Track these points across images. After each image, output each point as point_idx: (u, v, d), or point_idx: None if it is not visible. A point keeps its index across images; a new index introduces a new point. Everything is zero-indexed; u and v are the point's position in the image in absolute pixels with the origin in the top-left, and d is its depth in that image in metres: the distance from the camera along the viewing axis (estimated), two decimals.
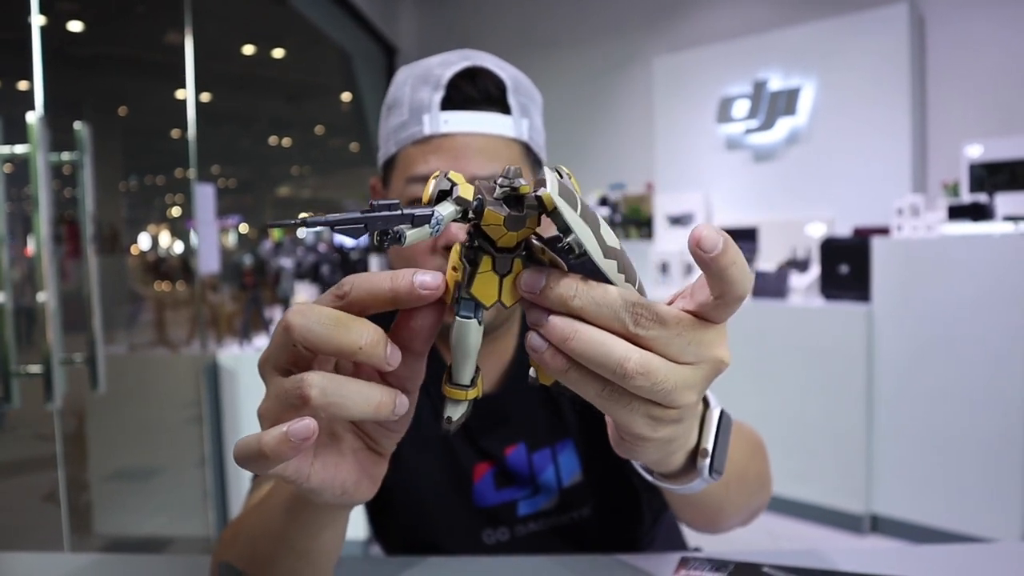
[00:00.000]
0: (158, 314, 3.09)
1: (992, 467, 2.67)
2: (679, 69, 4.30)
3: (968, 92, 3.47)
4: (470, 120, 0.76)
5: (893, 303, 2.91)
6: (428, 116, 0.76)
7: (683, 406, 0.38)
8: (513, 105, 0.79)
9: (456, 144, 0.76)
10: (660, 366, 0.36)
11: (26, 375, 1.45)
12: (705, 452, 0.46)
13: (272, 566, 0.57)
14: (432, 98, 0.77)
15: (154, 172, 4.70)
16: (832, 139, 3.74)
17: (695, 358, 0.37)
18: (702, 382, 0.38)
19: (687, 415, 0.40)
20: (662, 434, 0.40)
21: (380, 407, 0.38)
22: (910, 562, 0.62)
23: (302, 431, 0.36)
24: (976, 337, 2.69)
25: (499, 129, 0.78)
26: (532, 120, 0.82)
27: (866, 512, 3.00)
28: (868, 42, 3.58)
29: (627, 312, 0.35)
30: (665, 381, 0.36)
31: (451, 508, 0.85)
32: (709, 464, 0.46)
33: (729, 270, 0.35)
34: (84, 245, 1.53)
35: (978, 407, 2.69)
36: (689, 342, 0.37)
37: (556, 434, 0.86)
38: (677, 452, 0.45)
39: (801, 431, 3.13)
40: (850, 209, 3.64)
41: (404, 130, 0.78)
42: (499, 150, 0.77)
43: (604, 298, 0.35)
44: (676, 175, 4.34)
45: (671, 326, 0.36)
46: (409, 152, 0.78)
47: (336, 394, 0.37)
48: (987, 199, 2.88)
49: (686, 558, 0.60)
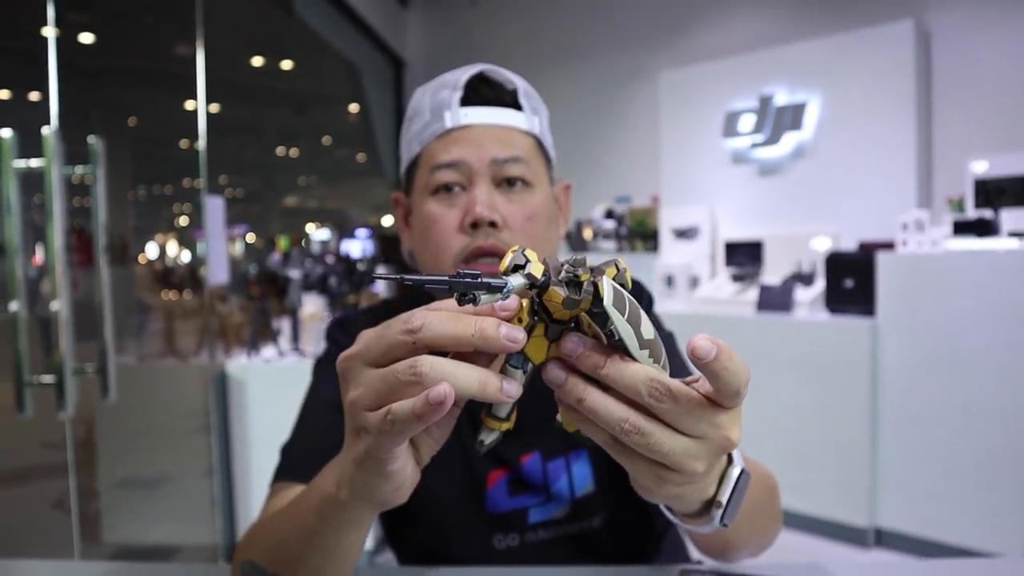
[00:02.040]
0: (167, 324, 3.11)
1: (996, 481, 2.67)
2: (685, 83, 4.33)
3: (973, 108, 3.49)
4: (488, 114, 0.83)
5: (898, 318, 2.92)
6: (449, 112, 0.82)
7: (687, 472, 0.44)
8: (525, 104, 0.86)
9: (476, 134, 0.82)
10: (656, 430, 0.43)
11: (39, 385, 1.47)
12: (719, 504, 0.51)
13: (299, 565, 0.60)
14: (452, 97, 0.83)
15: (162, 182, 4.74)
16: (837, 154, 3.76)
17: (701, 434, 0.44)
18: (708, 455, 0.44)
19: (695, 480, 0.46)
20: (667, 491, 0.46)
21: (486, 385, 0.43)
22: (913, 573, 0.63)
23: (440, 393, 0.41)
24: (980, 352, 2.70)
25: (514, 122, 0.84)
26: (542, 120, 0.89)
27: (870, 526, 3.00)
28: (874, 58, 3.60)
29: (644, 386, 0.42)
30: (661, 444, 0.43)
31: (464, 512, 0.87)
32: (721, 514, 0.51)
33: (722, 374, 0.41)
34: (97, 256, 1.54)
35: (982, 421, 2.70)
36: (697, 419, 0.43)
37: (571, 444, 0.88)
38: (690, 503, 0.51)
39: (806, 444, 3.13)
40: (855, 224, 3.66)
41: (427, 128, 0.84)
42: (515, 140, 0.83)
43: (626, 372, 0.42)
44: (682, 188, 4.36)
45: (681, 403, 0.42)
46: (433, 146, 0.83)
47: (445, 370, 0.42)
48: (992, 215, 2.89)
49: (686, 570, 0.61)
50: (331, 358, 0.93)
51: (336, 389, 0.87)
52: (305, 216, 7.09)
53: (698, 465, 0.44)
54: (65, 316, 1.46)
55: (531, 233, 0.82)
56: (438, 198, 0.82)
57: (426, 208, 0.83)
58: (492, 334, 0.42)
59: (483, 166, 0.80)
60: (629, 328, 0.42)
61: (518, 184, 0.82)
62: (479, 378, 0.43)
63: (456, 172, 0.81)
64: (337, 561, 0.60)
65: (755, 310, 3.38)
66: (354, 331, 0.96)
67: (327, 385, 0.89)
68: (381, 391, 0.44)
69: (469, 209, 0.79)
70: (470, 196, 0.80)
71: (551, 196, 0.88)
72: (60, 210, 1.46)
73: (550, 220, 0.86)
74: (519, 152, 0.82)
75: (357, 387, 0.46)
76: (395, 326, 0.44)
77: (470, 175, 0.81)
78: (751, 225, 4.08)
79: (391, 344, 0.44)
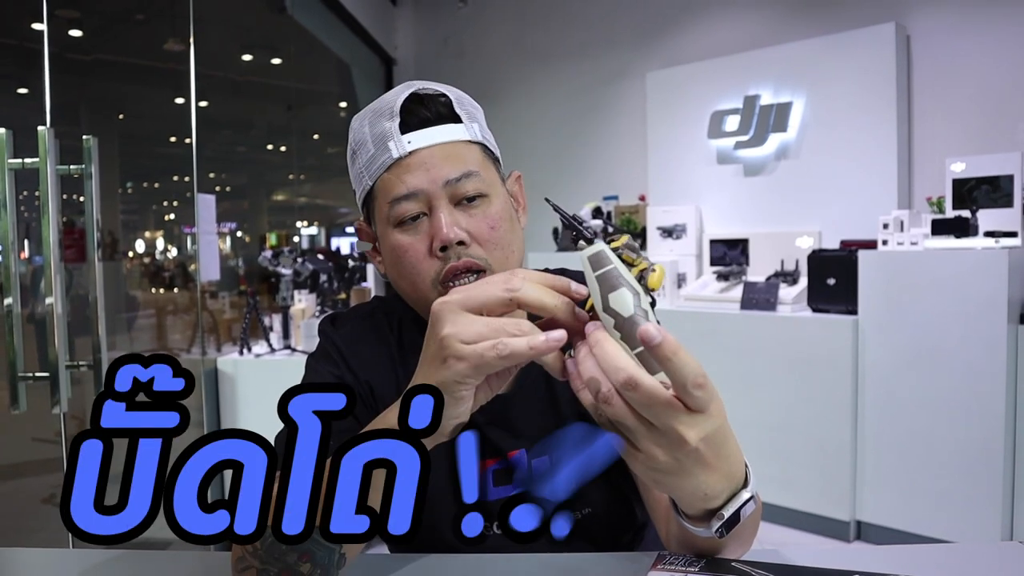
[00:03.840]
0: (158, 319, 3.12)
1: (974, 475, 2.74)
2: (672, 84, 4.37)
3: (953, 109, 3.55)
4: (430, 135, 0.85)
5: (879, 315, 2.97)
6: (392, 142, 0.84)
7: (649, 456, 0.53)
8: (461, 114, 0.88)
9: (424, 158, 0.83)
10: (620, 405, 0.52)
11: (33, 379, 1.49)
12: (720, 517, 0.59)
13: None
14: (391, 126, 0.84)
15: (151, 178, 4.72)
16: (821, 154, 3.81)
17: (659, 424, 0.51)
18: (666, 447, 0.52)
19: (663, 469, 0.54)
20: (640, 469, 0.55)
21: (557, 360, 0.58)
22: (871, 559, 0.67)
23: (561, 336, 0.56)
24: (958, 348, 2.76)
25: (457, 135, 0.86)
26: (481, 124, 0.91)
27: (851, 519, 3.06)
28: (856, 60, 3.65)
29: (614, 372, 0.51)
30: (624, 419, 0.52)
31: (450, 501, 0.90)
32: (720, 525, 0.59)
33: (671, 361, 0.49)
34: (91, 253, 1.55)
35: (960, 416, 2.76)
36: (656, 413, 0.51)
37: (556, 446, 0.92)
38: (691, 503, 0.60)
39: (788, 439, 3.19)
40: (838, 223, 3.71)
41: (375, 162, 0.86)
42: (462, 154, 0.85)
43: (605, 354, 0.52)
44: (668, 187, 4.41)
45: (643, 394, 0.50)
46: (385, 179, 0.85)
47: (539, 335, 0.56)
48: (970, 215, 2.95)
49: (662, 555, 0.65)
50: (324, 354, 0.96)
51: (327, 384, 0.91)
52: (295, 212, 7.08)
53: (658, 452, 0.52)
54: (59, 312, 1.48)
55: (498, 240, 0.85)
56: (403, 229, 0.84)
57: (393, 241, 0.85)
58: (568, 310, 0.58)
59: (438, 189, 0.82)
60: (596, 286, 0.54)
61: (476, 199, 0.84)
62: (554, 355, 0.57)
63: (415, 202, 0.83)
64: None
65: (740, 308, 3.43)
66: (345, 329, 0.99)
67: (318, 379, 0.92)
68: (482, 332, 0.56)
69: (435, 235, 0.81)
70: (433, 222, 0.82)
71: (506, 196, 0.91)
72: (54, 208, 1.47)
73: (512, 219, 0.89)
74: (470, 167, 0.84)
75: (452, 325, 0.58)
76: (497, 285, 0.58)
77: (428, 201, 0.83)
78: (736, 224, 4.13)
79: (491, 296, 0.58)
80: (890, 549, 0.74)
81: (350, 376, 0.92)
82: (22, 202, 1.91)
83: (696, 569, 0.62)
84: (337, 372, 0.92)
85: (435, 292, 0.82)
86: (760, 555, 0.68)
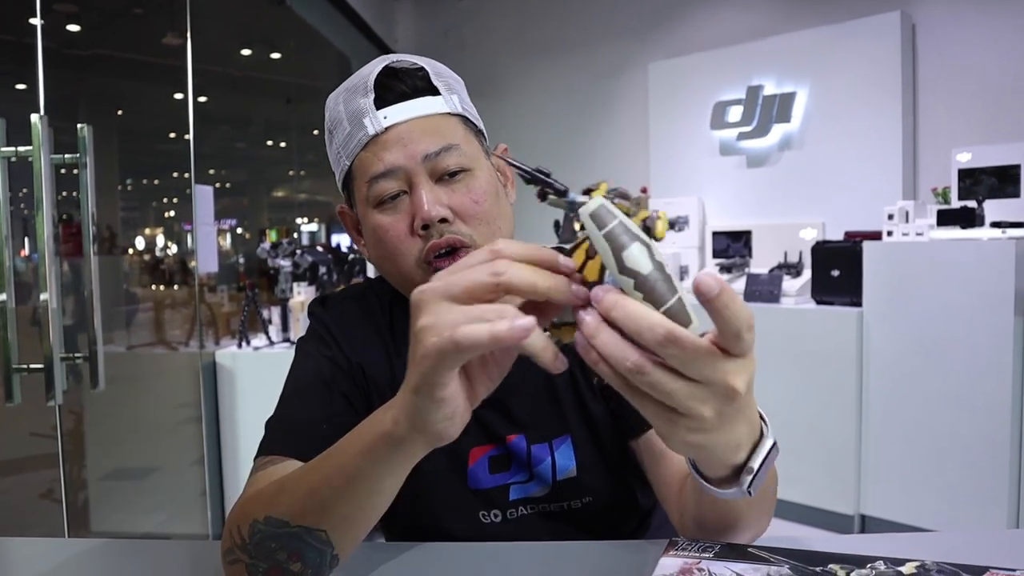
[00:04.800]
0: (156, 314, 3.10)
1: (979, 469, 2.71)
2: (674, 75, 4.34)
3: (958, 99, 3.52)
4: (406, 109, 0.81)
5: (884, 307, 2.94)
6: (368, 118, 0.80)
7: (695, 416, 0.46)
8: (439, 86, 0.84)
9: (401, 133, 0.80)
10: (657, 371, 0.45)
11: (27, 370, 1.47)
12: (750, 470, 0.54)
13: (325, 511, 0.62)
14: (366, 102, 0.81)
15: (150, 174, 4.71)
16: (825, 145, 3.78)
17: (704, 378, 0.45)
18: (713, 401, 0.46)
19: (706, 428, 0.47)
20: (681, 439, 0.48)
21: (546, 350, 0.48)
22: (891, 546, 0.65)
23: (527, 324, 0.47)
24: (965, 340, 2.73)
25: (434, 108, 0.82)
26: (461, 96, 0.87)
27: (855, 513, 3.03)
28: (861, 49, 3.62)
29: (648, 332, 0.44)
30: (663, 384, 0.45)
31: (446, 488, 0.88)
32: (751, 480, 0.54)
33: (723, 312, 0.43)
34: (87, 246, 1.53)
35: (966, 409, 2.73)
36: (702, 366, 0.44)
37: (555, 430, 0.89)
38: (717, 463, 0.54)
39: (792, 433, 3.16)
40: (842, 214, 3.68)
41: (351, 140, 0.82)
42: (441, 127, 0.81)
43: (631, 317, 0.44)
44: (671, 179, 4.38)
45: (686, 348, 0.44)
46: (362, 157, 0.81)
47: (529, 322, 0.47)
48: (976, 205, 2.92)
49: (674, 541, 0.63)
50: (314, 335, 0.94)
51: (320, 365, 0.89)
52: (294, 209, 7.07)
53: (704, 410, 0.46)
54: (54, 305, 1.46)
55: (483, 215, 0.81)
56: (383, 209, 0.81)
57: (374, 222, 0.82)
58: (564, 287, 0.49)
59: (417, 165, 0.79)
60: (606, 246, 0.45)
61: (459, 173, 0.81)
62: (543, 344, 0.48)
63: (393, 180, 0.80)
64: (373, 507, 0.63)
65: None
66: (335, 311, 0.97)
67: (310, 361, 0.90)
68: (458, 322, 0.48)
69: (416, 212, 0.78)
70: (413, 199, 0.79)
71: (492, 170, 0.87)
72: (49, 198, 1.45)
73: (497, 194, 0.85)
74: (449, 140, 0.81)
75: (429, 316, 0.50)
76: (481, 269, 0.49)
77: (408, 178, 0.79)
78: (739, 215, 4.10)
79: (474, 281, 0.49)
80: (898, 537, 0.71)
81: (342, 357, 0.90)
82: (21, 199, 1.89)
83: (710, 555, 0.59)
84: (329, 353, 0.90)
85: (419, 272, 0.80)
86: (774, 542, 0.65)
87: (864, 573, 0.54)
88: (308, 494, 0.63)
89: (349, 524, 0.63)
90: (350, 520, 0.63)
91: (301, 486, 0.65)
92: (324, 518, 0.62)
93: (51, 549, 0.86)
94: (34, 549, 0.87)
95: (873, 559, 0.56)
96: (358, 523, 0.64)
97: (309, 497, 0.63)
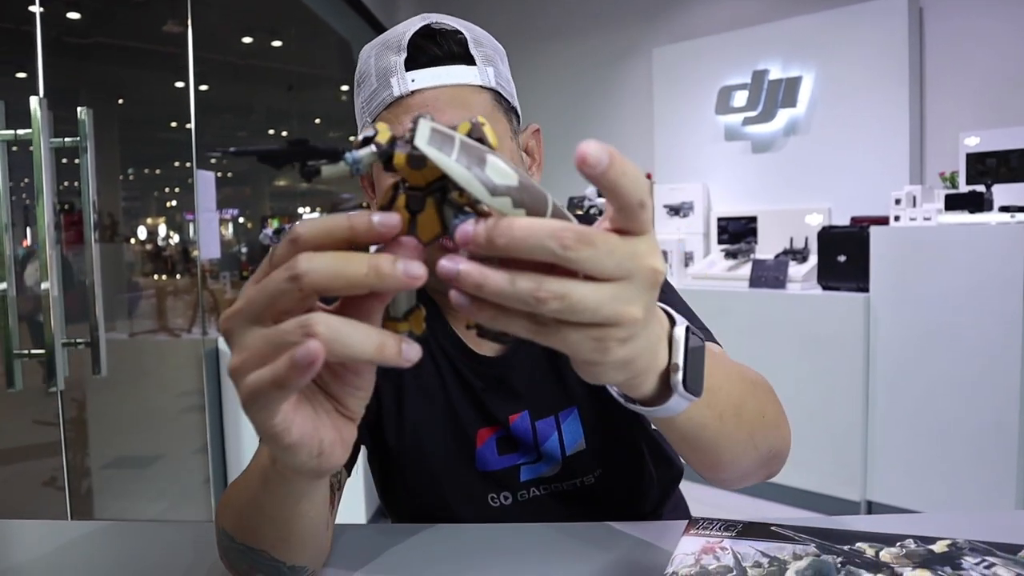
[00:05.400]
0: (159, 302, 3.09)
1: (987, 455, 2.69)
2: (678, 60, 4.30)
3: (966, 83, 3.48)
4: (436, 75, 0.78)
5: (890, 292, 2.92)
6: (395, 79, 0.78)
7: (626, 322, 0.38)
8: (476, 56, 0.80)
9: (427, 99, 0.77)
10: (576, 286, 0.36)
11: (28, 356, 1.45)
12: (676, 367, 0.46)
13: (256, 534, 0.58)
14: (397, 61, 0.78)
15: (152, 163, 4.69)
16: (831, 129, 3.75)
17: (626, 272, 0.37)
18: (641, 294, 0.38)
19: (636, 332, 0.40)
20: (614, 356, 0.40)
21: (384, 348, 0.37)
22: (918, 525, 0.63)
23: (309, 353, 0.35)
24: (972, 326, 2.71)
25: (466, 78, 0.79)
26: (498, 69, 0.84)
27: (862, 499, 3.02)
28: (867, 33, 3.58)
29: (553, 239, 0.35)
30: (586, 299, 0.36)
31: (455, 471, 0.86)
32: (683, 380, 0.46)
33: (621, 181, 0.36)
34: (88, 232, 1.51)
35: (974, 395, 2.72)
36: (619, 257, 0.37)
37: (560, 403, 0.87)
38: (644, 375, 0.45)
39: (798, 419, 3.12)
40: (848, 199, 3.65)
41: (375, 98, 0.80)
42: (469, 99, 0.79)
43: (530, 229, 0.35)
44: (675, 165, 4.35)
45: (599, 245, 0.36)
46: (384, 117, 0.79)
47: (341, 332, 0.36)
48: (984, 189, 2.89)
49: (694, 520, 0.61)
50: None
51: None
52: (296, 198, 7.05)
53: (634, 309, 0.38)
54: (55, 292, 1.44)
55: None
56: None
57: (386, 183, 0.80)
58: (388, 270, 0.36)
59: None
60: (464, 171, 0.35)
61: None
62: (376, 342, 0.37)
63: None
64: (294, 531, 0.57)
65: (748, 286, 3.38)
66: None
67: None
68: (267, 354, 0.37)
69: None
70: None
71: (516, 151, 0.85)
72: (48, 182, 1.43)
73: None
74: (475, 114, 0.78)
75: (239, 351, 0.39)
76: (277, 274, 0.37)
77: None
78: (745, 201, 4.07)
79: (274, 294, 0.38)
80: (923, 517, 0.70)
81: None
82: (23, 188, 1.88)
83: (733, 533, 0.57)
84: None
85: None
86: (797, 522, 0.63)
87: (894, 551, 0.52)
88: (239, 515, 0.59)
89: (286, 544, 0.58)
90: (285, 540, 0.58)
91: (235, 504, 0.61)
92: (259, 539, 0.58)
93: (54, 531, 0.85)
94: (37, 531, 0.86)
95: (902, 537, 0.54)
96: (293, 544, 0.58)
97: (241, 518, 0.59)
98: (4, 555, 0.79)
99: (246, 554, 0.60)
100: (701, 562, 0.53)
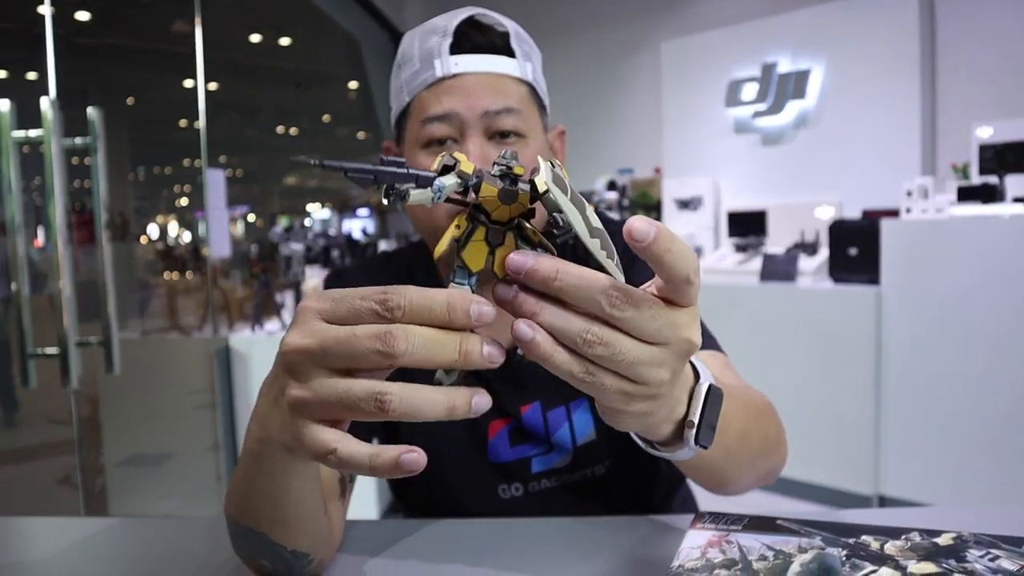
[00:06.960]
0: (170, 300, 3.11)
1: (1000, 448, 2.67)
2: (687, 53, 4.29)
3: (978, 74, 3.45)
4: (479, 61, 0.81)
5: (902, 285, 2.90)
6: (439, 60, 0.80)
7: (653, 383, 0.42)
8: (517, 49, 0.83)
9: (467, 83, 0.79)
10: (619, 339, 0.40)
11: (43, 356, 1.47)
12: (691, 424, 0.49)
13: (255, 514, 0.57)
14: (441, 44, 0.80)
15: (162, 162, 4.72)
16: (841, 122, 3.73)
17: (664, 339, 0.41)
18: (672, 361, 0.42)
19: (662, 392, 0.43)
20: (636, 408, 0.43)
21: (455, 410, 0.41)
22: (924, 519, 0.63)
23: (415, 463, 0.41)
24: (985, 319, 2.69)
25: (506, 69, 0.82)
26: (535, 65, 0.87)
27: (874, 493, 3.01)
28: (878, 24, 3.56)
29: (603, 295, 0.39)
30: (626, 353, 0.40)
31: (467, 463, 0.87)
32: (695, 435, 0.49)
33: (666, 257, 0.39)
34: (99, 230, 1.53)
35: (986, 389, 2.69)
36: (660, 324, 0.40)
37: (571, 392, 0.87)
38: (661, 424, 0.48)
39: (809, 413, 3.14)
40: (859, 192, 3.63)
41: (417, 77, 0.82)
42: (507, 89, 0.81)
43: (582, 280, 0.39)
44: (684, 159, 4.34)
45: (643, 308, 0.40)
46: (423, 96, 0.81)
47: (413, 404, 0.40)
48: (997, 181, 2.87)
49: (701, 514, 0.61)
50: None
51: None
52: (305, 196, 7.08)
53: (663, 373, 0.42)
54: (68, 292, 1.45)
55: None
56: (429, 152, 0.80)
57: (417, 163, 0.81)
58: (476, 358, 0.41)
59: (475, 118, 0.78)
60: (575, 211, 0.39)
61: (511, 136, 0.80)
62: (446, 406, 0.41)
63: (447, 125, 0.79)
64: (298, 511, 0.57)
65: (759, 280, 3.37)
66: (352, 284, 0.95)
67: None
68: (333, 408, 0.41)
69: None
70: (462, 151, 0.78)
71: (546, 145, 0.87)
72: (60, 183, 1.44)
73: None
74: (512, 102, 0.80)
75: (305, 390, 0.42)
76: (367, 342, 0.40)
77: (462, 128, 0.79)
78: (754, 195, 4.06)
79: (358, 357, 0.40)
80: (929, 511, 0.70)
81: None
82: (35, 188, 1.89)
83: (739, 527, 0.57)
84: None
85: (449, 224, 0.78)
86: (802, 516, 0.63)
87: (899, 544, 0.52)
88: (240, 495, 0.58)
89: (283, 526, 0.58)
90: (282, 522, 0.57)
91: (236, 486, 0.60)
92: (258, 520, 0.57)
93: (67, 528, 0.86)
94: (50, 528, 0.87)
95: (907, 530, 0.54)
96: (290, 526, 0.58)
97: (240, 498, 0.58)
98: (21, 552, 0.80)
99: (249, 537, 0.60)
100: (707, 555, 0.53)
